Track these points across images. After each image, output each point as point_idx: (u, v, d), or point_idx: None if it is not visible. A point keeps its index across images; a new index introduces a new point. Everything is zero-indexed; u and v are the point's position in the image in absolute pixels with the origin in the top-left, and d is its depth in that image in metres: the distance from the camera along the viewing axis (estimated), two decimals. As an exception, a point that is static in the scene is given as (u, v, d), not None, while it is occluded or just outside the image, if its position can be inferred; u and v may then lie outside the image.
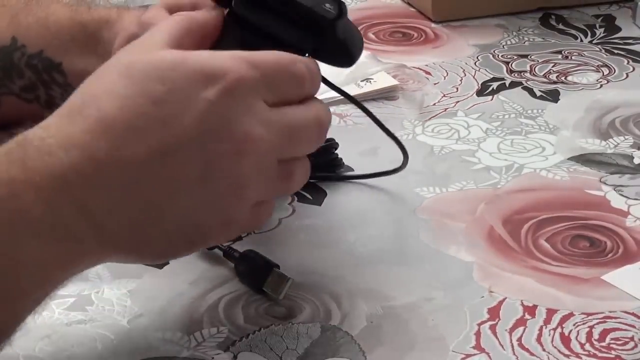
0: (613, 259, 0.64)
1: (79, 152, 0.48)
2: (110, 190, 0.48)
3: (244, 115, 0.50)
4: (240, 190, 0.51)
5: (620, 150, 0.77)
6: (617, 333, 0.57)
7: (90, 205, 0.48)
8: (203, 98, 0.49)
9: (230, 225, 0.52)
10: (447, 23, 1.02)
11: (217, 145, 0.49)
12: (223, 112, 0.49)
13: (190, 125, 0.49)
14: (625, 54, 0.94)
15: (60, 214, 0.47)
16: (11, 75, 0.73)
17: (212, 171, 0.49)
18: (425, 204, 0.70)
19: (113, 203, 0.48)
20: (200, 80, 0.49)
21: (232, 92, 0.49)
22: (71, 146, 0.48)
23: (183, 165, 0.49)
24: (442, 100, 0.85)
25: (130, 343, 0.56)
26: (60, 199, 0.47)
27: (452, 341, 0.56)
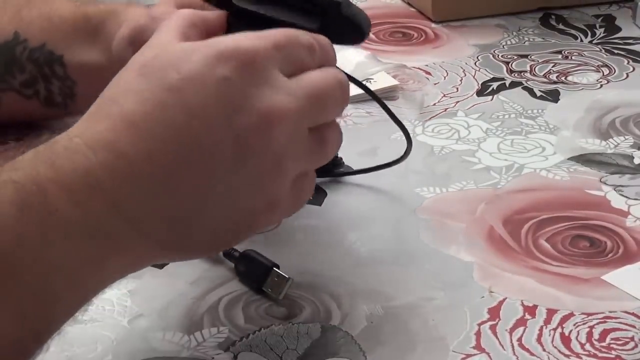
0: (613, 259, 0.64)
1: (106, 149, 0.47)
2: (142, 184, 0.47)
3: (265, 87, 0.49)
4: (277, 163, 0.50)
5: (620, 150, 0.77)
6: (617, 333, 0.57)
7: (123, 201, 0.47)
8: (219, 76, 0.48)
9: (275, 206, 0.51)
10: (447, 23, 1.02)
11: (244, 120, 0.48)
12: (242, 86, 0.48)
13: (211, 105, 0.48)
14: (626, 54, 0.94)
15: (91, 213, 0.46)
16: (12, 69, 0.73)
17: (245, 148, 0.48)
18: (425, 204, 0.70)
19: (146, 197, 0.47)
20: (214, 60, 0.48)
21: (247, 66, 0.49)
22: (97, 144, 0.47)
23: (213, 147, 0.48)
24: (442, 100, 0.85)
25: (130, 343, 0.56)
26: (91, 197, 0.46)
27: (452, 341, 0.56)
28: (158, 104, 0.48)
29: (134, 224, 0.47)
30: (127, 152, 0.47)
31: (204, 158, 0.48)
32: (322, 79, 0.52)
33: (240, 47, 0.49)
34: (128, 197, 0.47)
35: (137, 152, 0.47)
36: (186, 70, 0.48)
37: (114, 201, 0.47)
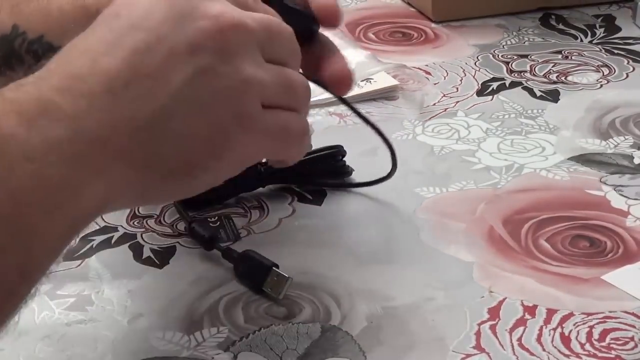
0: (613, 259, 0.64)
1: (57, 73, 0.47)
2: (98, 99, 0.46)
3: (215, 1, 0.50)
4: (235, 68, 0.49)
5: (620, 150, 0.77)
6: (617, 333, 0.57)
7: (81, 119, 0.46)
8: None
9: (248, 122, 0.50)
10: (447, 23, 1.02)
11: (194, 25, 0.49)
12: None
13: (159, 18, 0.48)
14: (625, 54, 0.94)
15: (49, 135, 0.45)
16: (11, 62, 0.73)
17: (200, 50, 0.48)
18: (425, 204, 0.70)
19: (104, 111, 0.46)
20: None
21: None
22: (47, 73, 0.47)
23: (166, 54, 0.48)
24: (442, 100, 0.85)
25: (130, 343, 0.56)
26: (46, 119, 0.45)
27: (452, 341, 0.56)
28: (106, 30, 0.48)
29: (97, 141, 0.46)
30: (80, 72, 0.47)
31: (160, 66, 0.48)
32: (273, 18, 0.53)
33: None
34: (86, 115, 0.46)
35: (89, 71, 0.47)
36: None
37: (72, 118, 0.46)
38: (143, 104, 0.47)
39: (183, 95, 0.48)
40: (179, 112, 0.48)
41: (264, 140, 0.52)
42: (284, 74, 0.53)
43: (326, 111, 0.83)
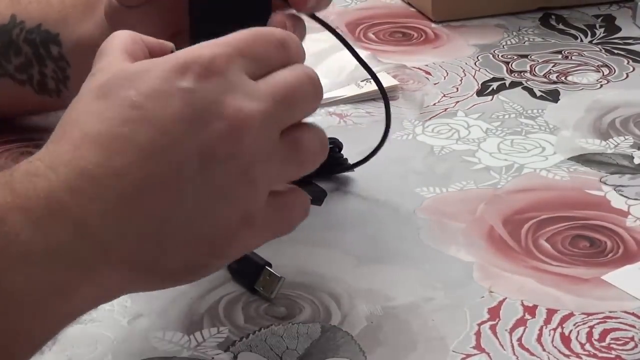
0: (613, 259, 0.64)
1: (68, 169, 0.45)
2: (108, 203, 0.45)
3: (229, 93, 0.47)
4: (245, 171, 0.47)
5: (620, 150, 0.77)
6: (617, 333, 0.57)
7: (89, 222, 0.45)
8: (180, 88, 0.46)
9: (251, 221, 0.48)
10: (447, 23, 1.02)
11: (208, 130, 0.46)
12: (205, 95, 0.47)
13: (174, 117, 0.46)
14: (625, 54, 0.94)
15: (54, 236, 0.44)
16: (8, 52, 0.74)
17: (211, 158, 0.46)
18: (425, 204, 0.70)
19: (113, 216, 0.45)
20: (173, 73, 0.47)
21: (208, 73, 0.47)
22: (59, 164, 0.45)
23: (180, 160, 0.46)
24: (442, 100, 0.85)
25: (130, 343, 0.56)
26: (54, 220, 0.44)
27: (452, 341, 0.56)
28: (120, 121, 0.46)
29: (102, 246, 0.45)
30: (91, 171, 0.45)
31: (171, 172, 0.46)
32: (293, 76, 0.50)
33: (198, 55, 0.47)
34: (94, 218, 0.45)
35: (102, 170, 0.45)
36: (146, 87, 0.46)
37: (79, 223, 0.45)
38: (153, 212, 0.46)
39: (192, 202, 0.47)
40: (187, 218, 0.47)
41: (267, 231, 0.51)
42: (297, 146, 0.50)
43: (326, 111, 0.83)
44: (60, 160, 0.46)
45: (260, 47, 0.50)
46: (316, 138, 0.51)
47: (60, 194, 0.45)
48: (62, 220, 0.44)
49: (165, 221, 0.46)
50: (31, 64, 0.74)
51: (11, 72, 0.74)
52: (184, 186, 0.46)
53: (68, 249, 0.44)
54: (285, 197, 0.51)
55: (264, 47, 0.50)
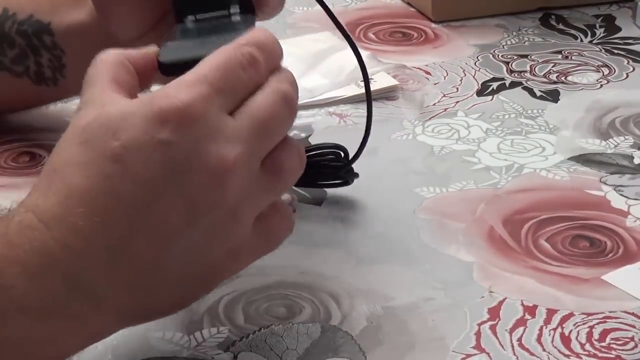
0: (613, 259, 0.64)
1: (59, 225, 0.46)
2: (98, 257, 0.46)
3: (210, 141, 0.47)
4: (233, 214, 0.48)
5: (620, 150, 0.77)
6: (617, 333, 0.57)
7: (80, 276, 0.46)
8: (160, 141, 0.46)
9: (237, 253, 0.50)
10: (447, 23, 1.02)
11: (192, 181, 0.47)
12: (185, 147, 0.46)
13: (157, 171, 0.46)
14: (625, 54, 0.94)
15: (47, 289, 0.46)
16: (2, 45, 0.74)
17: (197, 207, 0.47)
18: (425, 204, 0.70)
19: (104, 269, 0.47)
20: (152, 124, 0.46)
21: (188, 122, 0.46)
22: (50, 219, 0.46)
23: (165, 212, 0.47)
24: (442, 100, 0.85)
25: (130, 343, 0.56)
26: (47, 273, 0.46)
27: (452, 341, 0.56)
28: (102, 177, 0.46)
29: (93, 298, 0.47)
30: (80, 227, 0.46)
31: (157, 224, 0.47)
32: (265, 102, 0.49)
33: (176, 105, 0.47)
34: (85, 272, 0.46)
35: (90, 226, 0.46)
36: (126, 138, 0.46)
37: (71, 277, 0.46)
38: (143, 264, 0.47)
39: (180, 250, 0.48)
40: (176, 265, 0.48)
41: (252, 257, 0.52)
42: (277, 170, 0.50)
43: (326, 111, 0.83)
44: (51, 215, 0.47)
45: (232, 75, 0.49)
46: (294, 154, 0.51)
47: (53, 250, 0.46)
48: (55, 274, 0.46)
49: (155, 270, 0.48)
50: (26, 55, 0.74)
51: (7, 65, 0.75)
52: (171, 236, 0.47)
53: (60, 302, 0.46)
54: (268, 221, 0.51)
55: (236, 75, 0.49)
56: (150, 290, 0.48)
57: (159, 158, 0.46)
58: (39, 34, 0.73)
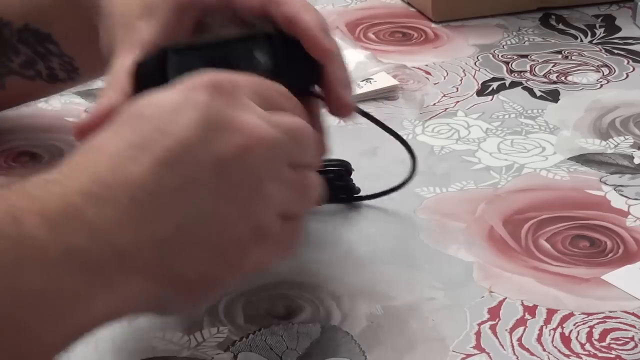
0: (613, 259, 0.64)
1: (83, 176, 0.46)
2: (122, 208, 0.45)
3: (243, 111, 0.48)
4: (258, 185, 0.48)
5: (620, 150, 0.77)
6: (618, 333, 0.57)
7: (104, 227, 0.45)
8: (196, 100, 0.48)
9: (263, 236, 0.49)
10: (447, 23, 1.02)
11: (222, 138, 0.47)
12: (220, 107, 0.48)
13: (189, 126, 0.47)
14: (625, 54, 0.94)
15: (70, 239, 0.44)
16: (6, 52, 0.73)
17: (225, 169, 0.47)
18: (425, 204, 0.70)
19: (127, 222, 0.45)
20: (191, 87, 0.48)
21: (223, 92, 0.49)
22: (75, 172, 0.46)
23: (193, 169, 0.47)
24: (442, 100, 0.85)
25: (130, 343, 0.56)
26: (69, 223, 0.44)
27: (452, 341, 0.56)
28: (134, 131, 0.47)
29: (117, 251, 0.45)
30: (105, 177, 0.46)
31: (186, 180, 0.47)
32: (299, 120, 0.52)
33: (212, 76, 0.49)
34: (109, 223, 0.45)
35: (115, 177, 0.46)
36: (162, 99, 0.48)
37: (95, 227, 0.45)
38: (167, 218, 0.46)
39: (205, 210, 0.47)
40: (201, 226, 0.47)
41: (276, 250, 0.51)
42: (304, 182, 0.52)
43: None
44: (76, 170, 0.46)
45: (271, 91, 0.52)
46: (318, 181, 0.53)
47: (75, 198, 0.45)
48: (77, 223, 0.45)
49: (180, 228, 0.47)
50: (35, 61, 0.73)
51: (16, 69, 0.73)
52: (198, 194, 0.47)
53: (83, 252, 0.44)
54: (292, 224, 0.51)
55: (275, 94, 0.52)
56: (173, 251, 0.47)
57: (192, 114, 0.47)
58: (42, 42, 0.72)
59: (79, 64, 0.73)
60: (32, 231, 0.44)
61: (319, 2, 1.05)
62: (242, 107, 0.49)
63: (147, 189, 0.46)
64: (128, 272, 0.46)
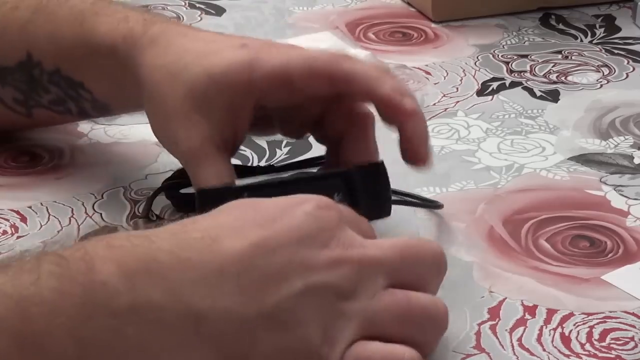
0: (613, 259, 0.64)
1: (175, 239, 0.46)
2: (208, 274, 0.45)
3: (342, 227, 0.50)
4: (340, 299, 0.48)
5: (620, 150, 0.77)
6: (618, 333, 0.57)
7: (184, 286, 0.44)
8: (302, 210, 0.49)
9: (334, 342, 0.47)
10: (447, 23, 1.02)
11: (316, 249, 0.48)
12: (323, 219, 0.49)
13: (290, 226, 0.48)
14: (625, 54, 0.94)
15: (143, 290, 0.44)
16: (37, 89, 0.70)
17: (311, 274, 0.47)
18: (425, 204, 0.70)
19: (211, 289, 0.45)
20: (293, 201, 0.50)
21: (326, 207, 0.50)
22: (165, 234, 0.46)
23: (283, 260, 0.47)
24: (442, 100, 0.85)
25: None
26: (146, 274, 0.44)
27: (452, 341, 0.56)
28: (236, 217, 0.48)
29: (194, 314, 0.44)
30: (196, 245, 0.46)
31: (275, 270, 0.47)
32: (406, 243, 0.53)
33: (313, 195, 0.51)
34: (191, 285, 0.44)
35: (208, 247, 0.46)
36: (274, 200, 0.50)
37: (174, 285, 0.44)
38: (247, 300, 0.46)
39: (285, 306, 0.46)
40: (275, 319, 0.46)
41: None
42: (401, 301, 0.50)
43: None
44: (167, 232, 0.46)
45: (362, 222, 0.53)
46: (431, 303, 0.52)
47: (158, 254, 0.45)
48: (156, 279, 0.44)
49: (254, 313, 0.46)
50: (65, 100, 0.70)
51: (45, 105, 0.71)
52: (282, 287, 0.46)
53: (156, 307, 0.44)
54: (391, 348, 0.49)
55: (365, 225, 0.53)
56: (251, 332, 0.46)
57: (295, 219, 0.48)
58: (75, 88, 0.68)
59: (111, 107, 0.70)
60: (104, 278, 0.43)
61: (319, 2, 1.04)
62: (341, 228, 0.49)
63: (236, 265, 0.46)
64: (201, 341, 0.45)
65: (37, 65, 0.69)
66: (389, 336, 0.49)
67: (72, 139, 0.78)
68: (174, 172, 0.67)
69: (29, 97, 0.71)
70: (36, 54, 0.69)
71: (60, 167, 0.74)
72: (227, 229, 0.47)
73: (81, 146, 0.77)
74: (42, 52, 0.69)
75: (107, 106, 0.69)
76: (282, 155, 0.75)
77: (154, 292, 0.43)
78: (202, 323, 0.45)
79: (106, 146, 0.77)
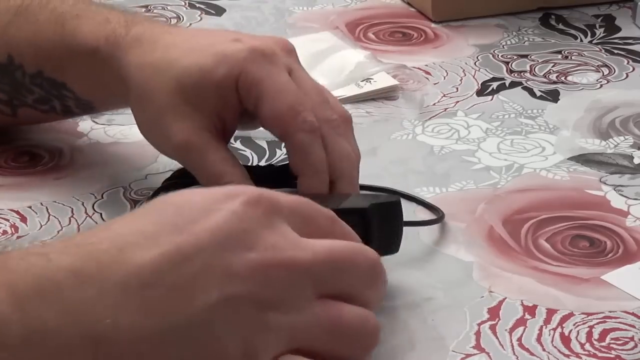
0: (613, 259, 0.64)
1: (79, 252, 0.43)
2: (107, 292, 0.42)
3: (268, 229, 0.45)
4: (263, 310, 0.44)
5: (620, 150, 0.77)
6: (617, 333, 0.57)
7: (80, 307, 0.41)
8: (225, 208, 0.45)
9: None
10: (447, 23, 1.02)
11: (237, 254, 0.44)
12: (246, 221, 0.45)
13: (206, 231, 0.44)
14: (625, 54, 0.94)
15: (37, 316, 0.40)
16: (21, 90, 0.70)
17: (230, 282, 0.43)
18: (425, 204, 0.70)
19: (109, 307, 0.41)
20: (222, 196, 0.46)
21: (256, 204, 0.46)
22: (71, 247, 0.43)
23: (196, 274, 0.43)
24: (442, 100, 0.85)
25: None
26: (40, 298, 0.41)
27: (452, 341, 0.56)
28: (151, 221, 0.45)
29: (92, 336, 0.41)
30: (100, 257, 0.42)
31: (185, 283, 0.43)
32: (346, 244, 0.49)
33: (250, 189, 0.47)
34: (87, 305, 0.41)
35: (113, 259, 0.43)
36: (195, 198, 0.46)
37: (69, 308, 0.41)
38: (154, 315, 0.42)
39: (196, 319, 0.43)
40: (187, 335, 0.43)
41: None
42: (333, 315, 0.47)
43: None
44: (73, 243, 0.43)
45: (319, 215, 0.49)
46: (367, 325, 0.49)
47: (56, 274, 0.41)
48: (52, 301, 0.41)
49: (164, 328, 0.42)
50: (50, 99, 0.70)
51: (30, 104, 0.71)
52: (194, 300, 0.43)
53: (50, 333, 0.40)
54: None
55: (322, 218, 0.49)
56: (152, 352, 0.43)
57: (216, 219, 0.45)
58: (58, 88, 0.69)
59: (95, 105, 0.71)
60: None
61: (319, 2, 1.04)
62: (271, 227, 0.46)
63: (141, 278, 0.42)
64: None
65: (19, 67, 0.70)
66: (315, 350, 0.46)
67: (71, 139, 0.78)
68: (174, 172, 0.67)
69: (14, 97, 0.71)
70: (17, 56, 0.70)
71: (60, 167, 0.74)
72: (139, 236, 0.44)
73: (81, 146, 0.77)
74: (23, 54, 0.69)
75: (91, 104, 0.71)
76: (282, 155, 0.75)
77: (47, 316, 0.40)
78: (101, 345, 0.41)
79: (106, 146, 0.77)
